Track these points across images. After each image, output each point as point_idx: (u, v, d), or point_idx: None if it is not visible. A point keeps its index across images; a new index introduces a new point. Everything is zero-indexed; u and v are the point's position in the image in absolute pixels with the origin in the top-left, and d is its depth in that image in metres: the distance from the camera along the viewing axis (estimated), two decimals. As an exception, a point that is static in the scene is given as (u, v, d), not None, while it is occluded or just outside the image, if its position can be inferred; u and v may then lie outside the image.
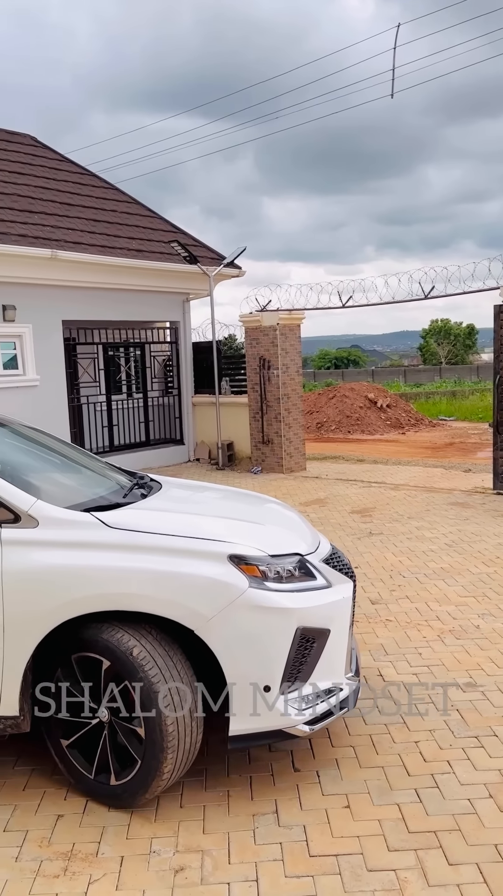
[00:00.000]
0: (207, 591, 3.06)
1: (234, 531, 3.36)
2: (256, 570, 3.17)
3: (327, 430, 20.08)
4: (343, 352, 58.61)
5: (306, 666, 3.22)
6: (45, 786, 3.36)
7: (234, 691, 3.07)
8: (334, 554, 3.70)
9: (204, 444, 13.83)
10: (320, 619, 3.25)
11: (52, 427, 11.68)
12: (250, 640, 3.07)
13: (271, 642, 3.10)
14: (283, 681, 3.11)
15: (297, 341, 12.39)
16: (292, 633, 3.12)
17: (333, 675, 3.34)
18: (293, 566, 3.32)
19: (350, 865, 2.78)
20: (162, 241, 13.51)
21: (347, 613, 3.45)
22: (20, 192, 12.58)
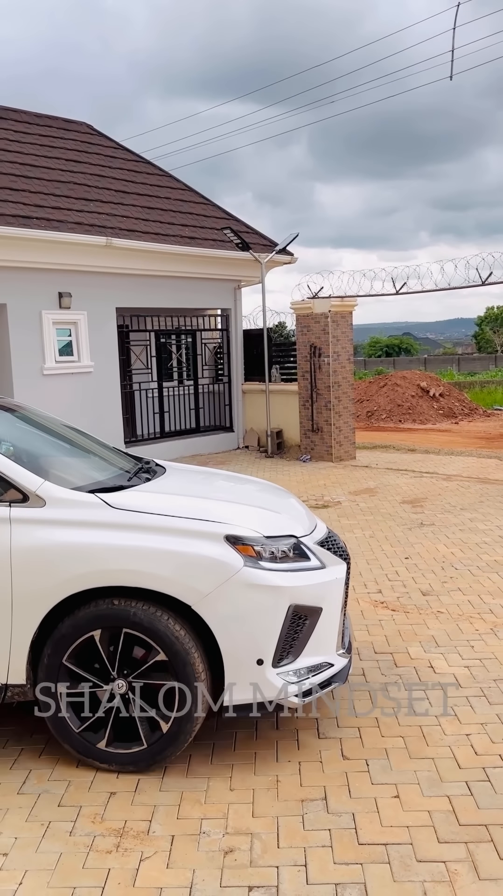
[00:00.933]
0: (204, 568, 3.24)
1: (231, 513, 3.52)
2: (251, 550, 3.34)
3: (378, 419, 19.89)
4: (395, 339, 57.91)
5: (298, 642, 3.39)
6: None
7: (228, 664, 3.26)
8: (329, 537, 3.86)
9: (253, 432, 13.85)
10: (312, 597, 3.41)
11: (104, 413, 11.99)
12: (245, 616, 3.26)
13: (265, 618, 3.27)
14: (276, 655, 3.30)
15: (349, 329, 12.28)
16: (285, 610, 3.29)
17: (325, 651, 3.50)
18: (288, 547, 3.48)
19: (399, 855, 2.77)
20: (214, 228, 13.52)
21: (340, 593, 3.59)
22: (76, 179, 12.74)
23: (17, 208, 10.73)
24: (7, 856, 2.83)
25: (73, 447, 4.42)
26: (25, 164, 12.36)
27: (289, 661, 3.36)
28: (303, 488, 9.91)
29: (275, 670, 3.29)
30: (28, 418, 4.47)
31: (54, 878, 2.71)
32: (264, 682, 3.27)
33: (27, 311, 10.82)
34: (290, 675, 3.34)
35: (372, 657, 4.51)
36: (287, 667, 3.34)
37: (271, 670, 3.28)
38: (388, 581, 5.95)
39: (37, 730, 3.65)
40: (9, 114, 14.14)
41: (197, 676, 3.25)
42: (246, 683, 3.28)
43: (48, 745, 3.53)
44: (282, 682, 3.30)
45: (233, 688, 3.28)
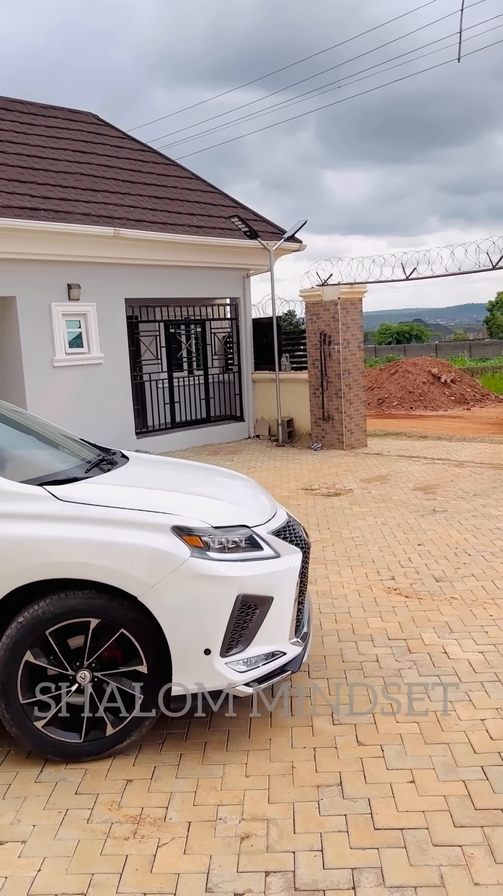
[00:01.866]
0: (150, 560, 3.26)
1: (181, 504, 3.53)
2: (199, 541, 3.36)
3: (389, 407, 19.82)
4: (405, 326, 57.63)
5: (248, 631, 3.40)
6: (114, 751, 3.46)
7: (175, 654, 3.28)
8: (288, 526, 3.87)
9: (264, 421, 13.84)
10: (262, 587, 3.43)
11: (115, 405, 12.03)
12: (191, 607, 3.28)
13: (211, 608, 3.29)
14: (224, 644, 3.31)
15: (359, 316, 12.22)
16: (232, 600, 3.31)
17: (276, 640, 3.51)
18: (239, 537, 3.49)
19: (415, 839, 2.77)
20: (222, 217, 13.47)
21: (293, 582, 3.60)
22: (83, 170, 12.71)
23: (25, 200, 10.73)
24: (26, 843, 2.86)
25: (34, 439, 4.43)
26: (32, 155, 12.35)
27: (239, 651, 3.37)
28: (314, 476, 9.90)
29: (223, 660, 3.31)
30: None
31: (73, 865, 2.73)
32: (212, 671, 3.29)
33: (36, 303, 10.84)
34: (240, 664, 3.36)
35: (386, 643, 4.51)
36: (236, 656, 3.36)
37: (219, 660, 3.30)
38: (401, 568, 5.94)
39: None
40: (14, 105, 14.12)
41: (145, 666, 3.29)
42: (193, 673, 3.29)
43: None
44: (231, 672, 3.32)
45: (180, 678, 3.29)
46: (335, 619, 4.94)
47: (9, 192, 10.75)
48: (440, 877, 2.58)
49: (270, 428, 13.60)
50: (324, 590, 5.52)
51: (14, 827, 2.96)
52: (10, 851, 2.82)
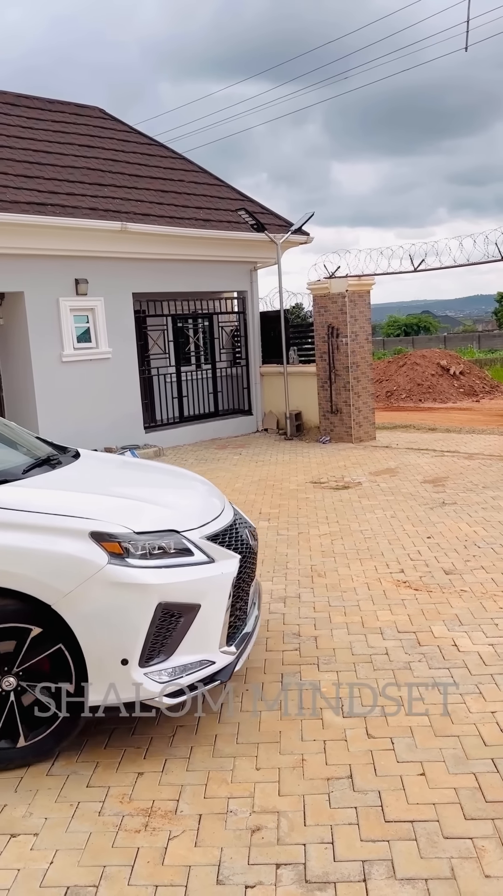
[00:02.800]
0: (64, 567, 3.17)
1: (105, 509, 3.41)
2: (118, 547, 3.25)
3: (397, 399, 19.76)
4: (413, 318, 57.38)
5: (171, 640, 3.30)
6: (125, 744, 3.48)
7: (91, 664, 3.18)
8: (230, 529, 3.76)
9: (272, 415, 13.82)
10: (188, 594, 3.32)
11: (123, 399, 12.06)
12: (108, 615, 3.17)
13: (129, 617, 3.19)
14: (143, 654, 3.21)
15: (367, 308, 12.17)
16: (152, 609, 3.20)
17: (204, 649, 3.40)
18: (166, 543, 3.38)
19: (426, 832, 2.78)
20: (229, 210, 13.43)
21: (225, 589, 3.48)
22: (90, 165, 12.69)
23: (32, 195, 10.73)
24: (38, 835, 2.88)
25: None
26: (39, 150, 12.34)
27: (161, 661, 3.27)
28: (322, 470, 9.89)
29: (142, 670, 3.21)
30: None
31: (84, 857, 2.75)
32: (130, 682, 3.19)
33: (44, 298, 10.85)
34: (162, 674, 3.25)
35: (395, 636, 4.51)
36: (157, 666, 3.25)
37: (138, 670, 3.20)
38: (411, 561, 5.93)
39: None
40: (21, 100, 14.11)
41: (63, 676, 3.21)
42: (110, 684, 3.20)
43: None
44: (150, 682, 3.22)
45: (97, 688, 3.20)
46: (344, 612, 4.94)
47: (16, 187, 10.75)
48: (451, 869, 2.58)
49: (278, 421, 13.59)
50: (334, 583, 5.51)
51: (26, 820, 2.98)
52: (23, 844, 2.84)
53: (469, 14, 16.13)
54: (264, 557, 6.21)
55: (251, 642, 3.78)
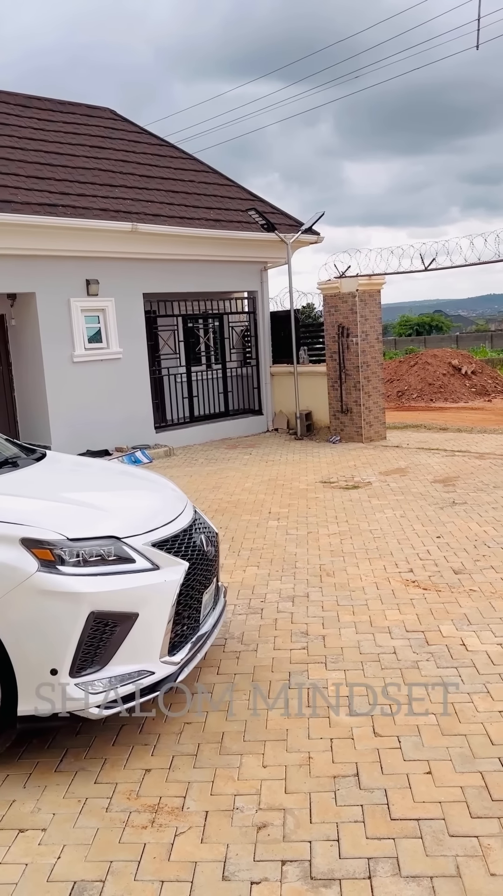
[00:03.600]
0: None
1: (40, 514, 3.35)
2: (50, 554, 3.18)
3: (408, 399, 19.71)
4: (425, 317, 57.18)
5: (104, 650, 3.22)
6: (132, 741, 3.50)
7: (19, 673, 3.12)
8: (182, 534, 3.70)
9: (282, 414, 13.83)
10: (124, 603, 3.26)
11: (134, 399, 12.10)
12: (36, 624, 3.12)
13: (58, 626, 3.12)
14: (74, 664, 3.14)
15: (377, 308, 12.15)
16: (83, 618, 3.13)
17: (142, 659, 3.33)
18: (105, 550, 3.31)
19: (432, 830, 2.78)
20: (239, 210, 13.45)
21: (168, 597, 3.42)
22: (101, 166, 12.75)
23: (43, 196, 10.79)
24: (46, 831, 2.90)
25: None
26: (50, 151, 12.41)
27: (94, 671, 3.20)
28: (332, 469, 9.89)
29: (73, 680, 3.14)
30: None
31: (91, 853, 2.77)
32: (60, 692, 3.13)
33: (56, 299, 10.91)
34: (95, 684, 3.18)
35: (403, 635, 4.50)
36: (89, 676, 3.18)
37: (68, 680, 3.13)
38: (420, 560, 5.92)
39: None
40: (33, 102, 14.18)
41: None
42: (40, 694, 3.14)
43: (84, 724, 3.59)
44: (82, 693, 3.15)
45: (26, 697, 3.14)
46: (353, 611, 4.95)
47: (27, 188, 10.82)
48: (456, 867, 2.58)
49: (289, 421, 13.59)
50: (342, 582, 5.52)
51: (34, 815, 3.00)
52: (31, 839, 2.86)
53: (480, 12, 16.05)
54: (272, 557, 6.22)
55: (208, 642, 3.74)
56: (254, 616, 4.96)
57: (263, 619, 4.88)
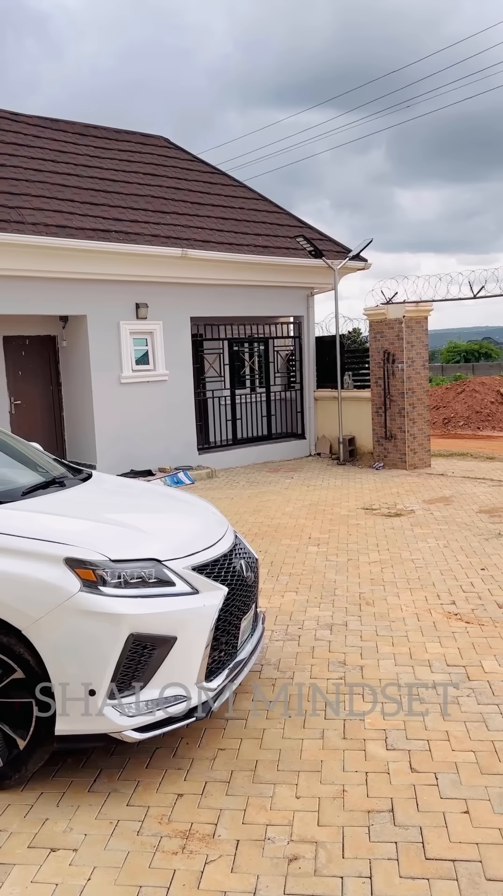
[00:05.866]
0: (37, 592, 3.14)
1: (85, 534, 3.37)
2: (92, 574, 3.20)
3: (454, 426, 19.47)
4: (474, 344, 56.53)
5: (142, 672, 3.21)
6: (166, 765, 3.49)
7: (58, 692, 3.13)
8: (222, 559, 3.69)
9: (325, 439, 13.79)
10: (163, 626, 3.25)
11: (178, 421, 12.24)
12: (77, 643, 3.13)
13: (98, 647, 3.13)
14: (112, 686, 3.14)
15: (424, 334, 12.09)
16: (122, 639, 3.13)
17: (179, 684, 3.31)
18: (146, 572, 3.33)
19: (468, 872, 2.70)
20: (287, 237, 13.57)
21: (206, 622, 3.40)
22: (153, 193, 13.03)
23: (97, 222, 11.07)
24: (77, 851, 2.91)
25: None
26: (105, 178, 12.74)
27: (131, 693, 3.19)
28: (375, 496, 9.80)
29: (111, 702, 3.14)
30: None
31: (121, 876, 2.76)
32: (97, 714, 3.13)
33: (106, 321, 11.14)
34: (132, 707, 3.18)
35: (444, 670, 4.42)
36: (127, 699, 3.18)
37: (106, 702, 3.13)
38: (463, 592, 5.81)
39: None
40: (90, 130, 14.61)
41: None
42: (77, 714, 3.14)
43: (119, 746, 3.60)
44: (118, 715, 3.15)
45: (64, 717, 3.15)
46: (392, 642, 4.87)
47: (82, 214, 11.11)
48: (492, 913, 2.51)
49: (331, 446, 13.55)
50: (382, 612, 5.45)
51: (66, 835, 3.02)
52: (62, 859, 2.87)
53: (534, 41, 16.01)
54: (311, 583, 6.18)
55: (246, 669, 3.71)
56: (291, 643, 4.92)
57: (300, 647, 4.85)
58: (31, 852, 2.91)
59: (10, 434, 4.91)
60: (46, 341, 11.72)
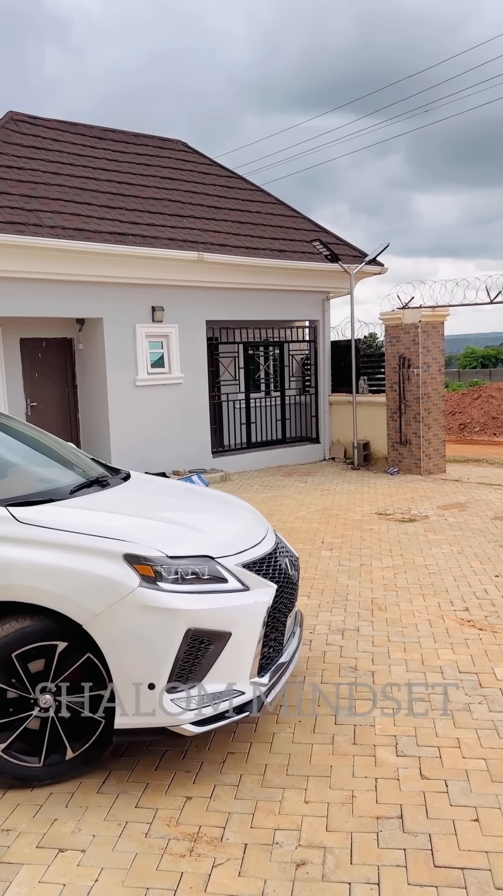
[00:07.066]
0: (97, 587, 3.19)
1: (140, 531, 3.43)
2: (150, 570, 3.25)
3: (470, 432, 19.35)
4: (492, 350, 56.19)
5: (199, 667, 3.26)
6: (175, 767, 3.49)
7: (118, 686, 3.19)
8: (269, 558, 3.74)
9: (339, 444, 13.76)
10: (218, 621, 3.29)
11: (193, 424, 12.27)
12: (136, 638, 3.18)
13: (157, 641, 3.18)
14: (170, 680, 3.19)
15: (440, 339, 12.04)
16: (181, 634, 3.18)
17: (233, 678, 3.35)
18: (200, 568, 3.36)
19: (477, 880, 2.68)
20: (304, 241, 13.57)
21: (258, 618, 3.43)
22: (170, 196, 13.08)
23: (114, 226, 11.13)
24: (85, 852, 2.92)
25: (33, 459, 4.46)
26: (122, 182, 12.81)
27: (188, 687, 3.24)
28: (389, 501, 9.77)
29: (168, 696, 3.19)
30: None
31: (129, 878, 2.77)
32: (156, 707, 3.18)
33: (122, 324, 11.19)
34: (189, 701, 3.23)
35: (456, 676, 4.39)
36: (184, 693, 3.22)
37: (164, 695, 3.18)
38: (476, 599, 5.77)
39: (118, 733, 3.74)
40: (108, 134, 14.69)
41: None
42: (137, 707, 3.19)
43: (129, 747, 3.61)
44: (177, 709, 3.19)
45: (123, 711, 3.20)
46: (404, 648, 4.85)
47: (99, 217, 11.18)
48: (501, 923, 2.48)
49: (346, 450, 13.52)
50: (395, 617, 5.42)
51: (75, 835, 3.02)
52: (70, 859, 2.88)
53: None
54: (324, 588, 6.16)
55: (288, 672, 3.71)
56: (303, 648, 4.90)
57: (312, 651, 4.83)
58: (39, 852, 2.92)
59: (48, 434, 4.98)
60: (63, 343, 11.80)
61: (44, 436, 4.84)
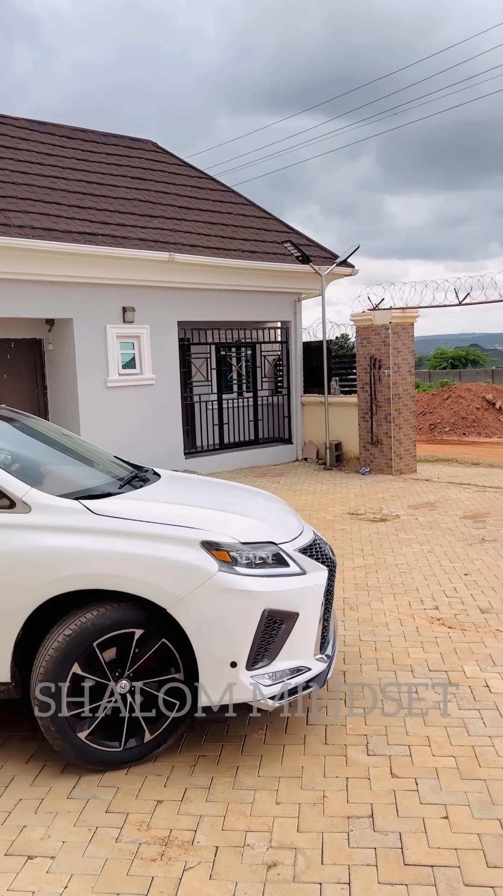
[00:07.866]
0: (179, 573, 3.35)
1: (210, 520, 3.61)
2: (227, 556, 3.44)
3: (440, 432, 19.55)
4: (461, 351, 56.81)
5: (273, 645, 3.46)
6: (146, 771, 3.47)
7: (202, 665, 3.35)
8: (314, 544, 3.94)
9: (312, 444, 13.81)
10: (288, 602, 3.48)
11: (165, 425, 12.19)
12: (218, 619, 3.34)
13: (238, 622, 3.35)
14: (250, 658, 3.37)
15: (410, 340, 12.14)
16: (259, 614, 3.37)
17: (301, 656, 3.56)
18: (266, 553, 3.56)
19: (446, 878, 2.70)
20: (275, 242, 13.60)
21: (318, 599, 3.65)
22: (141, 196, 13.02)
23: (84, 225, 11.04)
24: (54, 859, 2.88)
25: (71, 456, 4.60)
26: (92, 182, 12.72)
27: (264, 665, 3.43)
28: (360, 501, 9.82)
29: (248, 673, 3.36)
30: (28, 428, 4.66)
31: (99, 884, 2.74)
32: (238, 684, 3.35)
33: (92, 325, 11.10)
34: (265, 677, 3.41)
35: (426, 675, 4.42)
36: (262, 670, 3.41)
37: (245, 673, 3.35)
38: (446, 597, 5.83)
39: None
40: (77, 133, 14.59)
41: None
42: (220, 685, 3.35)
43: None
44: (256, 685, 3.37)
45: (207, 689, 3.36)
46: (375, 647, 4.88)
47: (69, 217, 11.09)
48: (470, 919, 2.50)
49: (318, 451, 13.57)
50: (366, 617, 5.45)
51: (44, 842, 2.99)
52: (39, 866, 2.85)
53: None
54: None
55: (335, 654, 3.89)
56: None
57: (284, 652, 4.83)
58: (8, 860, 2.89)
59: (71, 434, 5.06)
60: (32, 344, 11.68)
61: (68, 438, 4.91)
